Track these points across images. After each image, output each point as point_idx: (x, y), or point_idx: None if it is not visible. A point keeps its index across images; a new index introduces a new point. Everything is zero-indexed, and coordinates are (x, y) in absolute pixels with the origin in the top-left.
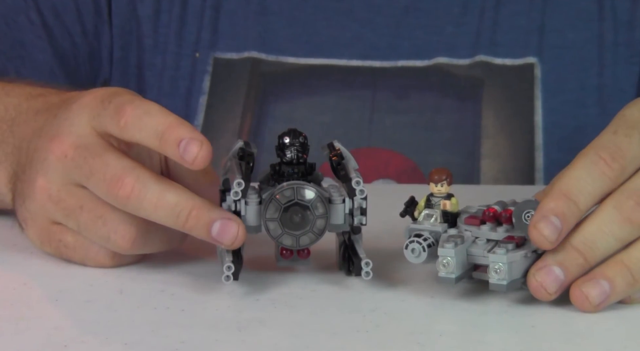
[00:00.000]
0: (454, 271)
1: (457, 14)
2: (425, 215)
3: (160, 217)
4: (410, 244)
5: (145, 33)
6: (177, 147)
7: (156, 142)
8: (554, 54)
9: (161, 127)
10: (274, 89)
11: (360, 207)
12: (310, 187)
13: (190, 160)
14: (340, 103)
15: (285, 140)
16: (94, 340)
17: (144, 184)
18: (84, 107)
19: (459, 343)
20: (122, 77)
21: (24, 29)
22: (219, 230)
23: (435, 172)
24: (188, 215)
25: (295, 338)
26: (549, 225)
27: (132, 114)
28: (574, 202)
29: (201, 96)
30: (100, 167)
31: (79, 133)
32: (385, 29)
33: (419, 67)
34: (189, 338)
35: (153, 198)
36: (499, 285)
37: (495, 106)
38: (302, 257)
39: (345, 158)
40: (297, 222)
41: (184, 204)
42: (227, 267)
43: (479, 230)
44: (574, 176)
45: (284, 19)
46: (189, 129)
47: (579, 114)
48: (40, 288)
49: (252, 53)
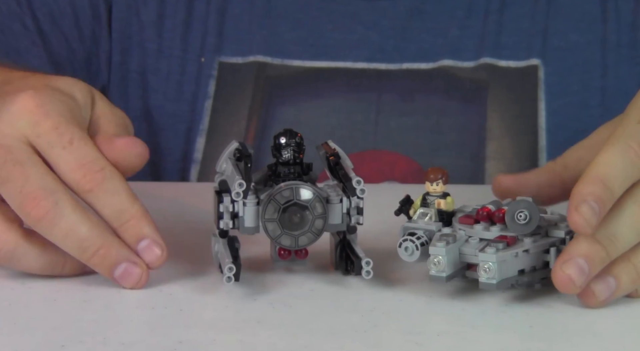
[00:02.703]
0: (444, 269)
1: (461, 17)
2: (420, 213)
3: (67, 246)
4: (403, 243)
5: (149, 38)
6: (135, 244)
7: (114, 224)
8: (557, 56)
9: (123, 216)
10: (279, 92)
11: (357, 206)
12: (309, 187)
13: (152, 261)
14: (346, 105)
15: (282, 140)
16: (91, 340)
17: (60, 211)
18: (27, 113)
19: (456, 343)
20: (122, 82)
21: (18, 36)
22: (121, 273)
23: (431, 171)
24: (95, 252)
25: (294, 338)
26: (590, 209)
27: (101, 186)
28: (610, 188)
29: (206, 100)
30: (19, 178)
31: (7, 133)
32: (390, 31)
33: (424, 69)
34: (187, 338)
35: (65, 227)
36: (489, 284)
37: (499, 108)
38: (300, 257)
39: (341, 157)
40: (296, 222)
41: (93, 240)
42: (229, 268)
43: (472, 229)
44: (608, 162)
45: (289, 22)
46: (147, 230)
47: (583, 116)
48: (38, 288)
49: (258, 57)
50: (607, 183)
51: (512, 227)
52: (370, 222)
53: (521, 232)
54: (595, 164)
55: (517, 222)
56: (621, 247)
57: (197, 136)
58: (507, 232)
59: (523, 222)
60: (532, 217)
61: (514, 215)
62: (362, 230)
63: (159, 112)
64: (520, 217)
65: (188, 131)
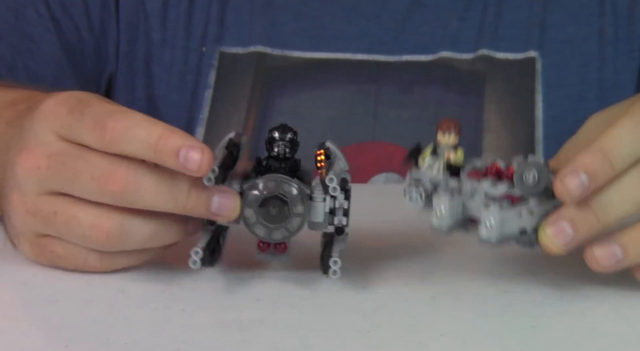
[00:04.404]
0: (446, 221)
1: (461, 9)
2: (428, 163)
3: (161, 201)
4: (408, 190)
5: (154, 27)
6: (176, 157)
7: (150, 153)
8: (554, 49)
9: (153, 138)
10: (279, 83)
11: (343, 207)
12: (294, 184)
13: (195, 168)
14: (345, 97)
15: (275, 134)
16: (94, 340)
17: (136, 172)
18: (48, 115)
19: (459, 343)
20: (129, 70)
21: (32, 22)
22: (217, 206)
23: (443, 121)
24: (188, 194)
25: (296, 338)
26: (575, 180)
27: (117, 127)
28: (610, 162)
29: (206, 90)
30: (85, 167)
31: (46, 142)
32: (390, 23)
33: (423, 61)
34: (190, 338)
35: (150, 184)
36: (488, 240)
37: (497, 100)
38: (279, 251)
39: (332, 158)
40: (273, 215)
41: (182, 185)
42: (195, 252)
43: (479, 184)
44: (616, 135)
45: (290, 14)
46: (184, 137)
47: (579, 108)
48: (40, 288)
49: (258, 47)
50: (609, 156)
51: (520, 186)
52: (370, 222)
53: (528, 192)
54: (603, 136)
55: (525, 181)
56: (614, 215)
57: (197, 126)
58: (513, 190)
59: (531, 182)
60: (541, 178)
61: (522, 174)
62: (362, 230)
63: (163, 102)
64: (529, 177)
65: (189, 121)
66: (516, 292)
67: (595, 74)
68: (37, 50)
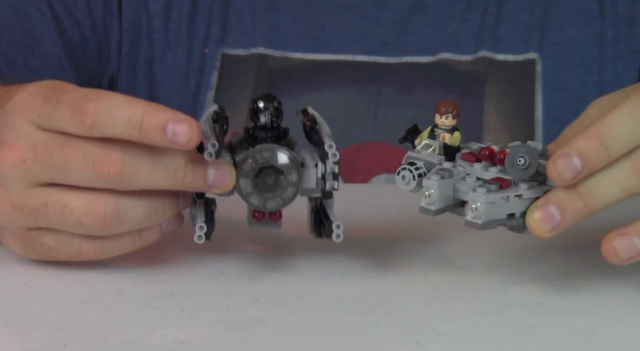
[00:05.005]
0: (434, 203)
1: (461, 11)
2: (424, 145)
3: (160, 179)
4: (402, 171)
5: (156, 28)
6: (163, 133)
7: (135, 133)
8: (555, 50)
9: (136, 117)
10: (280, 84)
11: (333, 171)
12: (286, 152)
13: (184, 141)
14: (346, 98)
15: (260, 104)
16: (93, 340)
17: (131, 153)
18: (22, 107)
19: (458, 342)
20: (130, 71)
21: (34, 21)
22: (214, 177)
23: (442, 103)
24: (185, 170)
25: (295, 338)
26: (568, 164)
27: (97, 110)
28: (605, 147)
29: (208, 91)
30: (75, 154)
31: (25, 134)
32: (391, 25)
33: (423, 63)
34: (188, 338)
35: (147, 162)
36: (474, 224)
37: (497, 101)
38: (273, 219)
39: (318, 123)
40: (269, 185)
41: (177, 161)
42: (200, 227)
43: (472, 167)
44: (615, 120)
45: (291, 15)
46: (168, 111)
47: (579, 110)
48: (39, 288)
49: (260, 49)
50: (605, 141)
51: (510, 170)
52: (371, 222)
53: (518, 176)
54: (601, 120)
55: (515, 166)
56: (602, 200)
57: None
58: (505, 174)
59: (521, 166)
60: (531, 163)
61: (513, 158)
62: (362, 230)
63: (165, 103)
64: (520, 162)
65: None
66: (516, 292)
67: (595, 75)
68: (38, 49)
